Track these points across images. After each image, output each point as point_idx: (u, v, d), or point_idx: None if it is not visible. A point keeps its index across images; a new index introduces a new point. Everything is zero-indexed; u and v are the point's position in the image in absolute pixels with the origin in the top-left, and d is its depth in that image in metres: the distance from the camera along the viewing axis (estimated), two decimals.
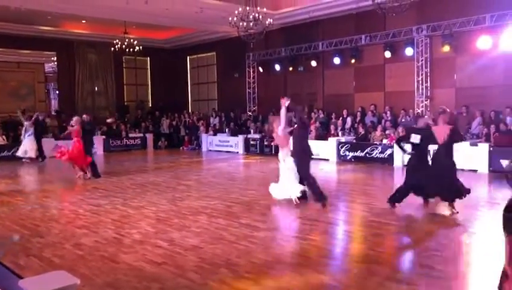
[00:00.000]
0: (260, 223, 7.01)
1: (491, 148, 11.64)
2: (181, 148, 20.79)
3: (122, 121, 21.48)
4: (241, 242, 6.01)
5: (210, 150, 19.58)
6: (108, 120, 16.84)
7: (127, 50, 19.32)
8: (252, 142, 18.15)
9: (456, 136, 7.18)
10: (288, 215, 7.84)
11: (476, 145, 11.97)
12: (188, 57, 24.95)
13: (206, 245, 5.91)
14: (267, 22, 15.26)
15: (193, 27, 20.29)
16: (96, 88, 22.76)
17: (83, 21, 19.30)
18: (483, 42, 13.31)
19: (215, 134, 20.01)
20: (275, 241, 6.13)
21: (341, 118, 16.74)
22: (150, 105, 25.13)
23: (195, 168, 14.81)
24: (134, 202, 8.82)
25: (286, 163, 8.31)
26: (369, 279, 4.67)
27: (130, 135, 21.01)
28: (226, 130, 19.71)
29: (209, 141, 19.90)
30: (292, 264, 5.23)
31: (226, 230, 6.62)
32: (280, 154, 8.54)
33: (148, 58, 24.54)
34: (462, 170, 11.75)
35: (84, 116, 12.63)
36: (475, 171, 11.72)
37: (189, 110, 24.12)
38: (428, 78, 15.08)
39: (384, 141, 14.32)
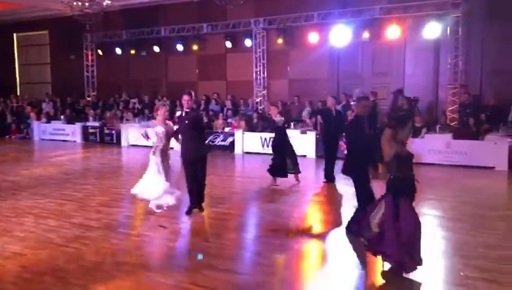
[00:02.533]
0: (94, 221, 6.68)
1: (318, 136, 12.87)
2: (8, 137, 18.61)
3: None
4: (71, 245, 5.66)
5: (43, 139, 17.93)
6: None
7: None
8: (91, 131, 17.12)
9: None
10: (123, 212, 7.60)
11: (305, 133, 13.11)
12: (15, 34, 22.29)
13: (30, 251, 5.43)
14: (104, 3, 14.42)
15: (20, 2, 18.14)
16: None
17: None
18: (312, 38, 14.53)
19: (48, 121, 18.35)
20: (108, 240, 5.90)
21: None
22: None
23: (23, 160, 13.38)
24: None
25: None
26: (200, 272, 4.80)
27: None
28: (62, 117, 18.23)
29: (42, 129, 18.19)
30: (125, 263, 5.11)
31: (55, 232, 6.17)
32: None
33: None
34: None
35: None
36: (304, 156, 12.83)
37: (18, 94, 21.67)
38: (265, 69, 15.96)
39: (226, 129, 14.79)
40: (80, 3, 13.79)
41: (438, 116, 13.58)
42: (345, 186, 8.15)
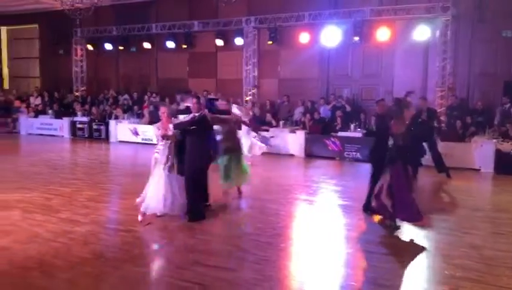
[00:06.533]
0: (81, 216, 6.66)
1: (307, 135, 12.95)
2: None
3: None
4: (58, 239, 5.65)
5: (30, 134, 17.75)
6: None
7: None
8: (79, 126, 16.98)
9: None
10: (111, 207, 7.60)
11: (294, 132, 13.18)
12: (4, 28, 22.01)
13: (17, 245, 5.41)
14: None
15: None
16: None
17: None
18: (302, 38, 14.59)
19: (36, 116, 18.17)
20: (96, 235, 5.89)
21: (175, 103, 16.69)
22: None
23: (10, 154, 13.27)
24: None
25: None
26: (188, 268, 4.83)
27: None
28: (50, 111, 18.06)
29: (29, 124, 18.01)
30: (112, 259, 5.11)
31: (43, 226, 6.14)
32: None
33: None
34: (282, 154, 12.96)
35: None
36: (293, 155, 12.91)
37: (5, 88, 21.40)
38: (256, 68, 15.99)
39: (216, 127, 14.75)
40: None
41: None
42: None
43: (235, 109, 9.05)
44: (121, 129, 15.90)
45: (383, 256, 5.39)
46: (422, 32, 13.00)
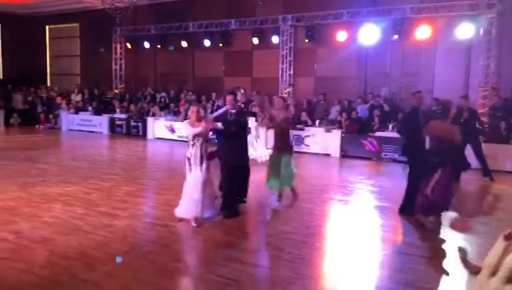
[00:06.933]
0: (120, 210, 6.79)
1: (343, 135, 12.79)
2: (37, 126, 19.05)
3: None
4: (98, 232, 5.77)
5: (71, 130, 18.28)
6: None
7: None
8: (117, 122, 17.38)
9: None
10: (148, 202, 7.74)
11: (330, 131, 13.03)
12: (47, 27, 22.80)
13: (58, 237, 5.56)
14: None
15: None
16: None
17: None
18: (340, 36, 14.41)
19: (76, 112, 18.71)
20: (134, 229, 6.00)
21: (211, 101, 16.87)
22: (1, 77, 22.47)
23: (52, 149, 13.72)
24: None
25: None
26: (223, 264, 4.84)
27: None
28: (89, 108, 18.56)
29: (70, 120, 18.56)
30: (149, 253, 5.19)
31: (83, 219, 6.30)
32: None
33: (0, 24, 21.85)
34: (317, 154, 12.86)
35: None
36: (328, 155, 12.77)
37: (48, 85, 22.16)
38: (292, 66, 15.91)
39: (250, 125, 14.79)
40: None
41: None
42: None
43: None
44: (158, 126, 16.17)
45: (421, 258, 5.25)
46: (465, 30, 12.59)
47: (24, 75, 21.50)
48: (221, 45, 16.94)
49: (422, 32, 13.18)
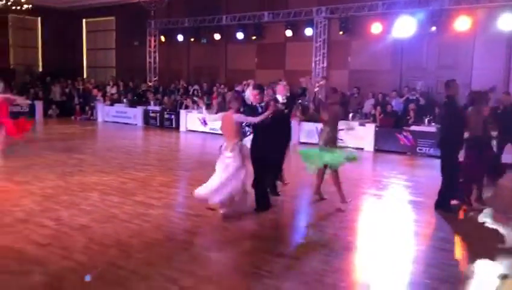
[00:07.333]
0: (155, 200, 6.92)
1: (377, 129, 12.58)
2: (73, 118, 19.55)
3: (7, 86, 19.50)
4: (133, 221, 5.90)
5: (106, 121, 18.69)
6: None
7: (14, 8, 17.49)
8: (151, 115, 17.64)
9: None
10: (181, 192, 7.84)
11: (364, 125, 12.84)
12: (84, 20, 23.33)
13: (96, 224, 5.71)
14: None
15: None
16: None
17: None
18: (375, 28, 14.14)
19: (112, 104, 19.10)
20: (168, 218, 6.10)
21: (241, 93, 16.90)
22: (41, 70, 23.19)
23: (88, 140, 14.08)
24: (17, 177, 8.20)
25: None
26: (256, 255, 4.86)
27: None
28: (124, 100, 18.91)
29: (106, 112, 18.97)
30: (183, 241, 5.27)
31: (119, 208, 6.45)
32: None
33: (39, 18, 22.51)
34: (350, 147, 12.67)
35: None
36: (362, 149, 12.59)
37: (84, 77, 22.70)
38: (325, 59, 15.74)
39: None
40: None
41: None
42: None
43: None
44: (190, 119, 16.33)
45: (455, 254, 5.15)
46: (506, 21, 12.13)
47: (62, 68, 22.11)
48: (254, 37, 16.92)
49: (461, 23, 12.76)
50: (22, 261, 4.54)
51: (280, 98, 7.20)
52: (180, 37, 18.70)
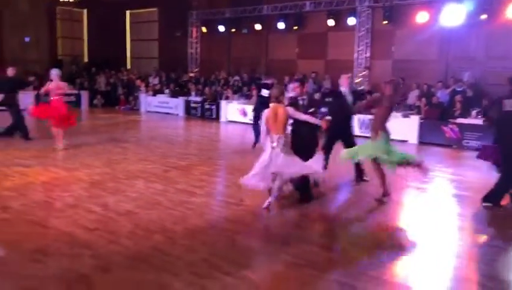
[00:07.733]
0: (197, 188, 7.02)
1: (422, 121, 12.25)
2: (117, 107, 20.07)
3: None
4: (177, 208, 6.01)
5: (149, 111, 19.08)
6: (30, 78, 15.96)
7: (62, 0, 18.08)
8: (193, 105, 17.87)
9: None
10: (222, 181, 7.92)
11: (408, 117, 12.50)
12: (127, 12, 23.83)
13: (141, 211, 5.86)
14: None
15: None
16: (26, 40, 21.20)
17: None
18: (420, 17, 13.73)
19: (154, 94, 19.47)
20: (209, 207, 6.18)
21: (284, 85, 16.82)
22: (86, 60, 23.92)
23: (132, 129, 14.44)
24: (66, 164, 8.51)
25: None
26: (293, 243, 4.85)
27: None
28: (166, 91, 19.23)
29: (148, 102, 19.37)
30: (225, 229, 5.32)
31: (163, 195, 6.59)
32: None
33: (85, 10, 23.18)
34: (393, 140, 12.40)
35: (9, 69, 11.53)
36: (405, 141, 12.31)
37: (128, 68, 23.25)
38: (368, 48, 15.44)
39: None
40: None
41: None
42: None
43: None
44: (231, 109, 16.43)
45: (501, 250, 4.96)
46: None
47: (106, 59, 22.70)
48: (295, 27, 16.79)
49: None
50: (72, 244, 4.72)
51: (343, 89, 7.55)
52: (221, 28, 18.80)
